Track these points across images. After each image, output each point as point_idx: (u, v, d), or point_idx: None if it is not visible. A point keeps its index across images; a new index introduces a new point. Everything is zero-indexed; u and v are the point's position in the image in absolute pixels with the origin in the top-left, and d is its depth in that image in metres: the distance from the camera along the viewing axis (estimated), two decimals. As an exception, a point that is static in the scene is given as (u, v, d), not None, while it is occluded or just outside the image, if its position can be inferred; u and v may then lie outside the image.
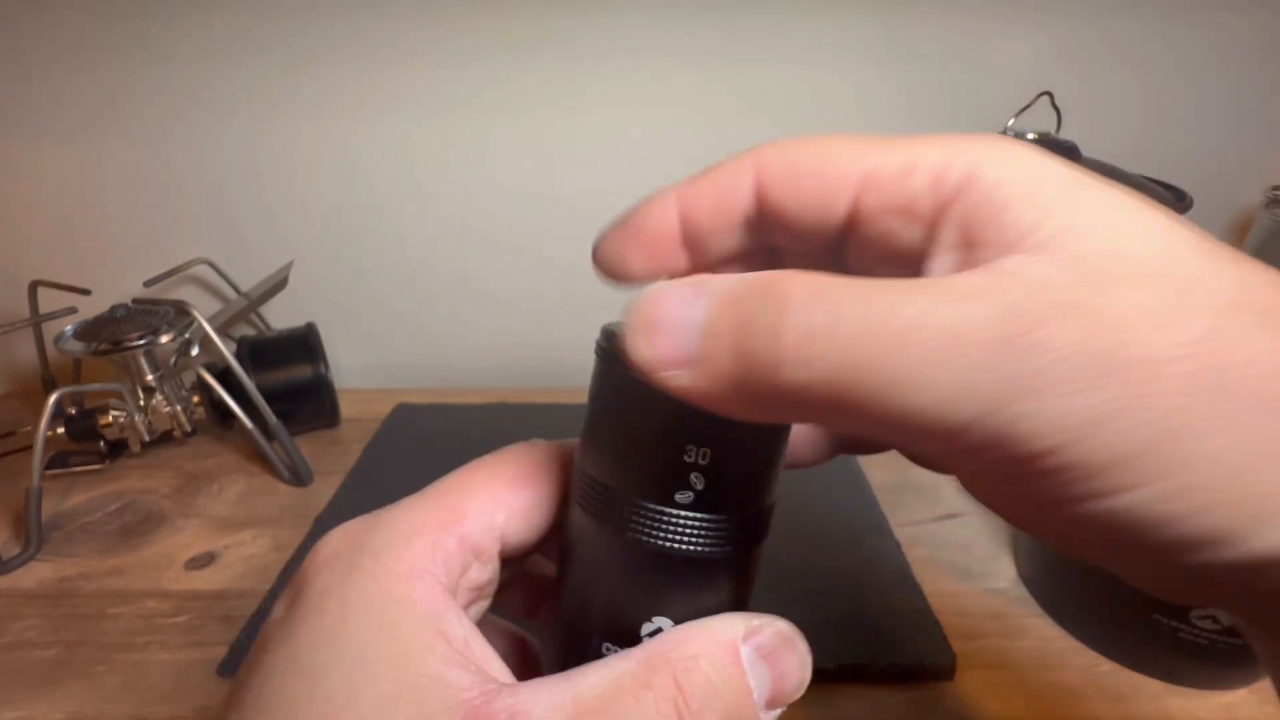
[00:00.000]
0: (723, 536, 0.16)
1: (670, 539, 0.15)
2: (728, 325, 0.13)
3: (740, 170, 0.15)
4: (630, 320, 0.14)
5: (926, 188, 0.14)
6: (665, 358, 0.13)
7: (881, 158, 0.14)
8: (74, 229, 0.57)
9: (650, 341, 0.13)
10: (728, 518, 0.16)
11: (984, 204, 0.13)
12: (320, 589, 0.15)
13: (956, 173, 0.13)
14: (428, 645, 0.15)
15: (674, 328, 0.13)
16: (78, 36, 0.51)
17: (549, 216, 0.58)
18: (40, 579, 0.40)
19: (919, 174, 0.14)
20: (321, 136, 0.55)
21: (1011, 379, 0.11)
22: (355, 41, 0.52)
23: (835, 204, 0.15)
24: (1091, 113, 0.52)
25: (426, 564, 0.15)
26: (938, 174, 0.13)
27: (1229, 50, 0.52)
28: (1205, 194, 0.49)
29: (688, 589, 0.16)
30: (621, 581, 0.16)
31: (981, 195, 0.13)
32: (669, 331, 0.13)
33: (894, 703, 0.33)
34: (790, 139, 0.15)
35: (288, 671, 0.14)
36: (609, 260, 0.17)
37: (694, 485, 0.15)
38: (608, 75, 0.53)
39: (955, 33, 0.52)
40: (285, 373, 0.51)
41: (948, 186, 0.13)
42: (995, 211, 0.13)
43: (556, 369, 0.63)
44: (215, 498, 0.47)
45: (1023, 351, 0.11)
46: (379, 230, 0.58)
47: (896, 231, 0.14)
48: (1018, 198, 0.13)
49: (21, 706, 0.32)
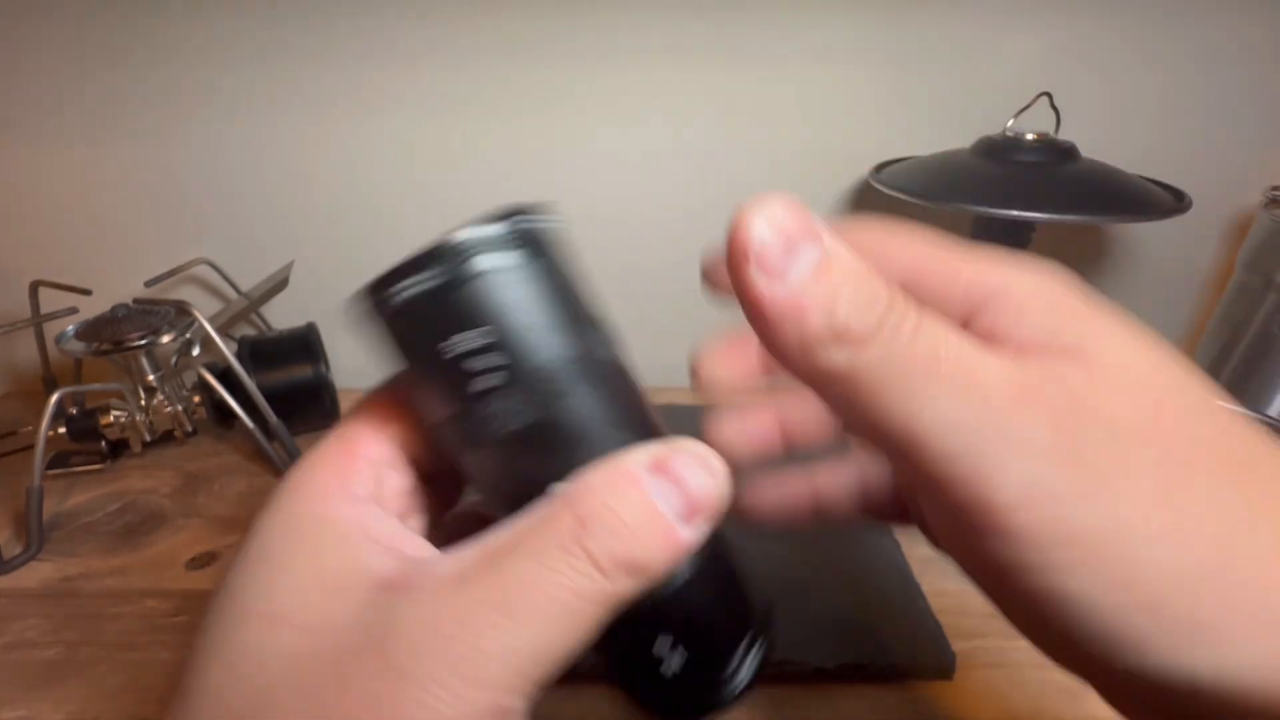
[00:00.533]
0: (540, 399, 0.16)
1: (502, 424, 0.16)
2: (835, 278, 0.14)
3: None
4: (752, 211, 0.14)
5: (962, 294, 0.16)
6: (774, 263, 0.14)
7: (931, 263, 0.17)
8: (75, 229, 0.57)
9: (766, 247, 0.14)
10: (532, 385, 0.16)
11: (1008, 313, 0.15)
12: (250, 531, 0.16)
13: (988, 288, 0.16)
14: (341, 540, 0.15)
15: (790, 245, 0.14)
16: (79, 38, 0.51)
17: (549, 217, 0.58)
18: (41, 578, 0.40)
19: (964, 275, 0.16)
20: (322, 137, 0.55)
21: (1006, 432, 0.13)
22: (356, 42, 0.52)
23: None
24: (1091, 113, 0.52)
25: (335, 485, 0.17)
26: (972, 285, 0.16)
27: (1228, 50, 0.52)
28: (1204, 194, 0.49)
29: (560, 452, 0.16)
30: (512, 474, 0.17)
31: (1013, 303, 0.15)
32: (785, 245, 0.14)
33: (894, 702, 0.33)
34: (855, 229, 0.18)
35: (220, 601, 0.15)
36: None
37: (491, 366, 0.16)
38: (608, 76, 0.53)
39: (955, 33, 0.52)
40: (286, 373, 0.51)
41: (978, 295, 0.16)
42: (1022, 316, 0.15)
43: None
44: (216, 497, 0.47)
45: (1021, 414, 0.13)
46: (380, 230, 0.58)
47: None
48: (1041, 311, 0.15)
49: (22, 706, 0.32)
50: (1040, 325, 0.15)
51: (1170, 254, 0.59)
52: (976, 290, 0.16)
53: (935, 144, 0.53)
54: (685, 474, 0.15)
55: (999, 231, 0.48)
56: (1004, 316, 0.15)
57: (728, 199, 0.57)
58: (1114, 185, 0.45)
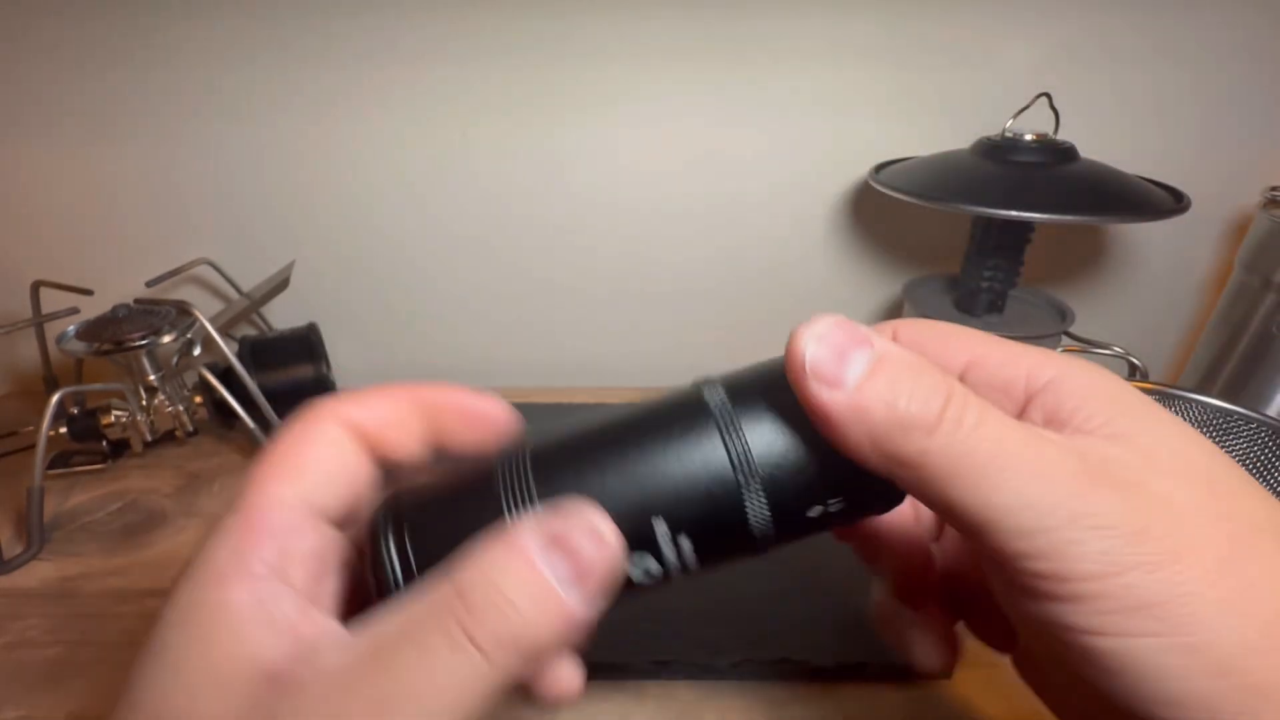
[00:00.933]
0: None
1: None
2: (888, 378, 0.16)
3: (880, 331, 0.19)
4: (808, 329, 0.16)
5: (1023, 378, 0.18)
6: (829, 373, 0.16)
7: (989, 351, 0.18)
8: (76, 230, 0.57)
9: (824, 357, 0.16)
10: None
11: (1068, 398, 0.17)
12: (156, 620, 0.16)
13: (1045, 375, 0.17)
14: (233, 628, 0.15)
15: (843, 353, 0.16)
16: (80, 38, 0.51)
17: (549, 217, 0.58)
18: (42, 578, 0.40)
19: (1014, 368, 0.18)
20: (323, 137, 0.55)
21: (1078, 511, 0.14)
22: (356, 43, 0.52)
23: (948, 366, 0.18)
24: (1090, 113, 0.52)
25: (231, 566, 0.16)
26: (1032, 371, 0.17)
27: (1227, 50, 0.52)
28: (1203, 194, 0.49)
29: None
30: None
31: (1067, 392, 0.17)
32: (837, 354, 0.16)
33: (893, 702, 0.33)
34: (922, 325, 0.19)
35: (124, 700, 0.15)
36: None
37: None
38: (608, 76, 0.53)
39: (955, 33, 0.52)
40: (287, 373, 0.51)
41: (1037, 382, 0.17)
42: (1077, 405, 0.16)
43: (557, 369, 0.63)
44: (217, 497, 0.47)
45: (1091, 494, 0.14)
46: (380, 231, 0.58)
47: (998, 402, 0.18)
48: (1094, 400, 0.16)
49: (23, 706, 0.32)
50: (1097, 413, 0.16)
51: (1169, 254, 0.59)
52: (1036, 378, 0.17)
53: (935, 144, 0.53)
54: (568, 536, 0.15)
55: (999, 231, 0.48)
56: (1064, 403, 0.17)
57: (728, 199, 0.57)
58: (1113, 185, 0.45)
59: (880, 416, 0.15)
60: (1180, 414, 0.40)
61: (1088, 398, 0.16)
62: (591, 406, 0.55)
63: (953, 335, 0.19)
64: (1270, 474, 0.39)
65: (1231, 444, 0.40)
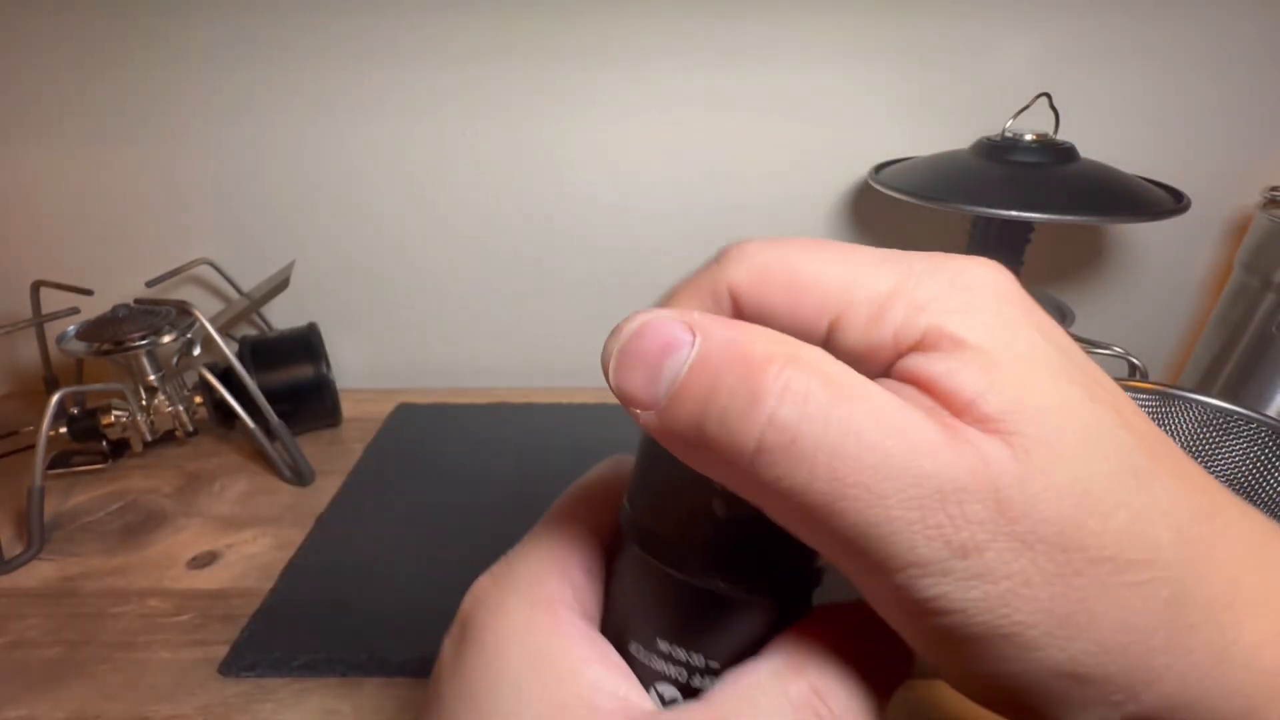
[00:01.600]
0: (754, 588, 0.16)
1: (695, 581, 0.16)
2: (698, 394, 0.13)
3: (719, 290, 0.16)
4: (614, 342, 0.14)
5: (890, 338, 0.14)
6: (635, 395, 0.13)
7: (854, 300, 0.14)
8: (76, 230, 0.58)
9: (626, 374, 0.13)
10: (758, 576, 0.16)
11: (937, 360, 0.13)
12: (479, 626, 0.16)
13: (918, 330, 0.14)
14: (573, 669, 0.15)
15: (650, 369, 0.13)
16: (81, 38, 0.51)
17: (550, 217, 0.58)
18: (42, 578, 0.40)
19: (886, 325, 0.14)
20: (323, 138, 0.55)
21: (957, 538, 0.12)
22: (356, 43, 0.52)
23: (808, 334, 0.15)
24: (1090, 113, 0.52)
25: (559, 594, 0.17)
26: (903, 327, 0.14)
27: (1227, 50, 0.52)
28: (1203, 194, 0.49)
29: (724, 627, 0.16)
30: (652, 602, 0.17)
31: (938, 353, 0.13)
32: (645, 370, 0.13)
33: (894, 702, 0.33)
34: (762, 253, 0.15)
35: (458, 703, 0.16)
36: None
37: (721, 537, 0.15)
38: (608, 76, 0.53)
39: (955, 33, 0.52)
40: (287, 373, 0.51)
41: (908, 340, 0.14)
42: (946, 370, 0.13)
43: (557, 369, 0.63)
44: (217, 497, 0.47)
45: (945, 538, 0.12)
46: (380, 231, 0.58)
47: (859, 363, 0.15)
48: (970, 363, 0.13)
49: (24, 705, 0.33)
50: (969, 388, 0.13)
51: (1169, 254, 0.59)
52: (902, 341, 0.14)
53: (935, 144, 0.53)
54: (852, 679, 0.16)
55: (998, 231, 0.48)
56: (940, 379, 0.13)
57: (729, 200, 0.57)
58: (1113, 185, 0.45)
59: (693, 438, 0.13)
60: (1180, 414, 0.40)
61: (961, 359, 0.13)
62: (593, 408, 0.55)
63: (810, 288, 0.15)
64: (1270, 474, 0.39)
65: (1231, 444, 0.40)
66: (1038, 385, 0.13)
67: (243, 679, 0.34)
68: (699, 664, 0.16)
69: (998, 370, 0.13)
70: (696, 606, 0.16)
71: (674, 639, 0.16)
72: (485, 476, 0.48)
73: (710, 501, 0.15)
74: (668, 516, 0.16)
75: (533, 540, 0.18)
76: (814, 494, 0.12)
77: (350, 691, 0.33)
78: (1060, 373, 0.13)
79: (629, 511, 0.17)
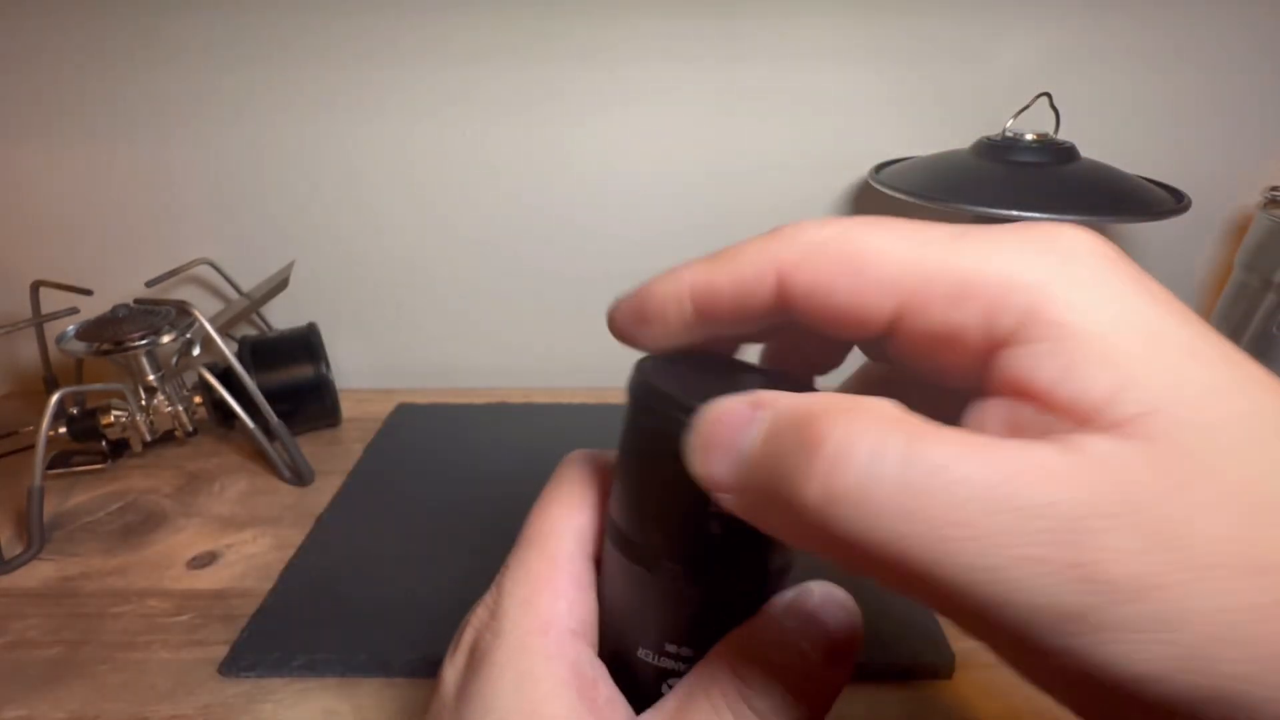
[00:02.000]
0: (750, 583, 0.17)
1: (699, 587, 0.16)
2: (766, 463, 0.12)
3: (761, 267, 0.14)
4: (692, 435, 0.14)
5: (978, 322, 0.12)
6: (716, 481, 0.13)
7: (928, 278, 0.12)
8: (75, 229, 0.57)
9: (705, 460, 0.13)
10: (752, 572, 0.17)
11: (1048, 357, 0.11)
12: (478, 654, 0.17)
13: (1012, 314, 0.11)
14: (554, 693, 0.16)
15: (726, 452, 0.13)
16: (80, 38, 0.51)
17: (550, 217, 0.58)
18: (42, 578, 0.40)
19: (967, 307, 0.12)
20: (323, 137, 0.55)
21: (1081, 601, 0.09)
22: (356, 43, 0.52)
23: (870, 319, 0.13)
24: (1090, 113, 0.52)
25: (552, 616, 0.17)
26: (992, 308, 0.12)
27: (1227, 50, 0.52)
28: (1203, 194, 0.49)
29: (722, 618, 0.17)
30: (655, 612, 0.17)
31: (1045, 346, 0.11)
32: (721, 455, 0.13)
33: (892, 702, 0.33)
34: (819, 230, 0.14)
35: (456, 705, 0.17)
36: (621, 333, 0.18)
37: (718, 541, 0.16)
38: (608, 76, 0.53)
39: (955, 33, 0.52)
40: (286, 373, 0.51)
41: (1001, 329, 0.12)
42: (1063, 369, 0.11)
43: (557, 369, 0.63)
44: (217, 497, 0.47)
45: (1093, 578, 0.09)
46: (380, 231, 0.58)
47: (938, 357, 0.13)
48: (1091, 356, 0.11)
49: (23, 706, 0.32)
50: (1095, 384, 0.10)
51: (1169, 254, 0.59)
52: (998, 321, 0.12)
53: (935, 144, 0.53)
54: (828, 620, 0.16)
55: (998, 231, 0.48)
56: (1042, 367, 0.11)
57: (729, 200, 0.57)
58: (1113, 185, 0.45)
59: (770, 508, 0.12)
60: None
61: (1079, 355, 0.11)
62: (593, 408, 0.55)
63: (872, 263, 0.13)
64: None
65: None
66: (1174, 372, 0.10)
67: (242, 679, 0.34)
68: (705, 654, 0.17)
69: (1122, 361, 0.10)
70: (700, 609, 0.17)
71: (680, 641, 0.17)
72: (485, 476, 0.48)
73: (707, 517, 0.15)
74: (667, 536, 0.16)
75: (519, 563, 0.18)
76: (906, 546, 0.10)
77: (350, 691, 0.33)
78: (1194, 352, 0.11)
79: (625, 534, 0.17)
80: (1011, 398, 0.12)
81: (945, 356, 0.13)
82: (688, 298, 0.16)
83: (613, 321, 0.18)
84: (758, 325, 0.16)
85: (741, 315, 0.15)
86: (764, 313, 0.15)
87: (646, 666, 0.17)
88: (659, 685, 0.17)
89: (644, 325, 0.17)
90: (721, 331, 0.16)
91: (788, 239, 0.14)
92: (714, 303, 0.15)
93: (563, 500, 0.19)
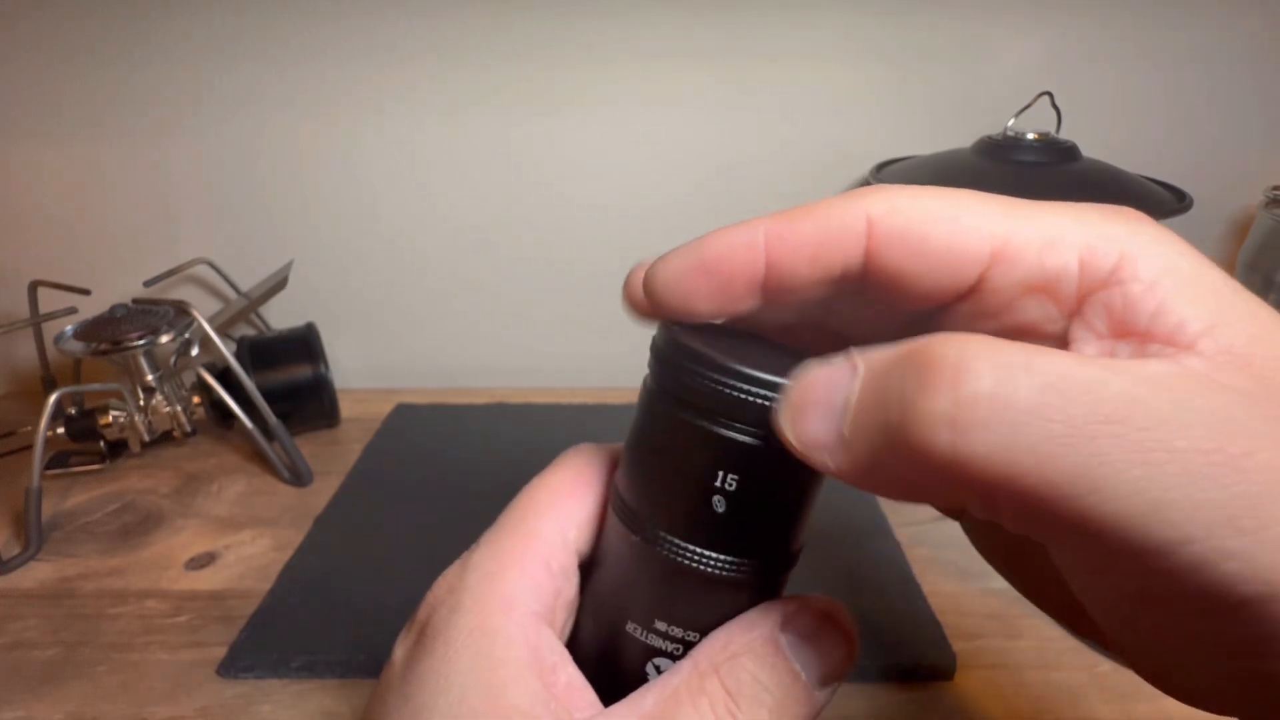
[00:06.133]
0: (747, 569, 0.16)
1: (695, 563, 0.16)
2: (872, 402, 0.12)
3: (849, 219, 0.14)
4: (783, 402, 0.13)
5: (1072, 269, 0.12)
6: (818, 439, 0.13)
7: (1019, 227, 0.13)
8: (74, 229, 0.57)
9: (803, 426, 0.13)
10: (751, 557, 0.16)
11: (1144, 295, 0.12)
12: (431, 630, 0.16)
13: (1108, 258, 0.12)
14: (516, 677, 0.15)
15: (825, 409, 0.12)
16: (78, 36, 0.51)
17: (549, 216, 0.58)
18: (40, 579, 0.40)
19: (1062, 252, 0.13)
20: (321, 136, 0.55)
21: (1229, 503, 0.09)
22: (355, 42, 0.52)
23: (962, 273, 0.13)
24: (1091, 113, 0.52)
25: (517, 594, 0.16)
26: (1086, 255, 0.12)
27: (1228, 50, 0.52)
28: (1205, 194, 0.49)
29: (715, 602, 0.16)
30: (648, 585, 0.17)
31: (1141, 286, 0.12)
32: (820, 413, 0.12)
33: (893, 702, 0.33)
34: (909, 191, 0.14)
35: (403, 705, 0.16)
36: (670, 294, 0.16)
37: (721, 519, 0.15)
38: (608, 76, 0.53)
39: (955, 33, 0.52)
40: (285, 373, 0.51)
41: (1098, 271, 0.12)
42: (1159, 304, 0.12)
43: (557, 369, 0.63)
44: (215, 498, 0.47)
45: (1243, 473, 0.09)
46: (379, 230, 0.58)
47: (1027, 309, 0.13)
48: (1181, 295, 0.12)
49: (21, 707, 0.32)
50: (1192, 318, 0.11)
51: (1171, 253, 0.59)
52: (1094, 265, 0.12)
53: (935, 144, 0.53)
54: (819, 637, 0.16)
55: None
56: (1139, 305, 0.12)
57: (729, 200, 0.57)
58: (1115, 185, 0.45)
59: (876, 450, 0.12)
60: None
61: (1170, 293, 0.12)
62: (593, 408, 0.55)
63: (966, 217, 0.13)
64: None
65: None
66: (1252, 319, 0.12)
67: (241, 680, 0.34)
68: (693, 639, 0.16)
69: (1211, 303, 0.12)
70: (695, 588, 0.16)
71: (672, 619, 0.16)
72: (484, 476, 0.48)
73: (710, 494, 0.15)
74: (671, 506, 0.16)
75: (489, 540, 0.18)
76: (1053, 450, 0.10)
77: (349, 693, 0.33)
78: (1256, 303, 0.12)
79: (627, 502, 0.17)
80: (1106, 338, 0.12)
81: (1029, 314, 0.13)
82: (762, 247, 0.15)
83: (658, 280, 0.16)
84: (825, 291, 0.15)
85: (818, 273, 0.14)
86: (843, 271, 0.14)
87: (634, 643, 0.17)
88: (644, 664, 0.17)
89: (702, 278, 0.15)
90: (781, 299, 0.15)
91: (875, 192, 0.14)
92: (793, 254, 0.15)
93: (552, 485, 0.18)
